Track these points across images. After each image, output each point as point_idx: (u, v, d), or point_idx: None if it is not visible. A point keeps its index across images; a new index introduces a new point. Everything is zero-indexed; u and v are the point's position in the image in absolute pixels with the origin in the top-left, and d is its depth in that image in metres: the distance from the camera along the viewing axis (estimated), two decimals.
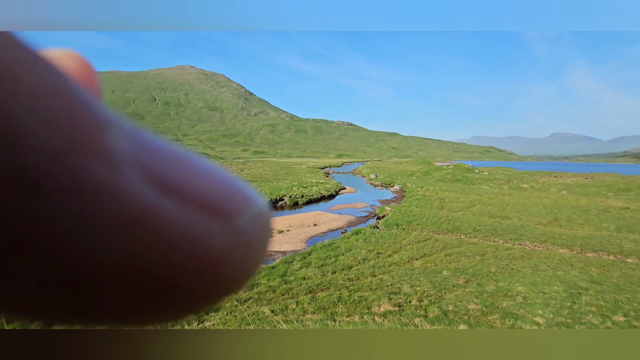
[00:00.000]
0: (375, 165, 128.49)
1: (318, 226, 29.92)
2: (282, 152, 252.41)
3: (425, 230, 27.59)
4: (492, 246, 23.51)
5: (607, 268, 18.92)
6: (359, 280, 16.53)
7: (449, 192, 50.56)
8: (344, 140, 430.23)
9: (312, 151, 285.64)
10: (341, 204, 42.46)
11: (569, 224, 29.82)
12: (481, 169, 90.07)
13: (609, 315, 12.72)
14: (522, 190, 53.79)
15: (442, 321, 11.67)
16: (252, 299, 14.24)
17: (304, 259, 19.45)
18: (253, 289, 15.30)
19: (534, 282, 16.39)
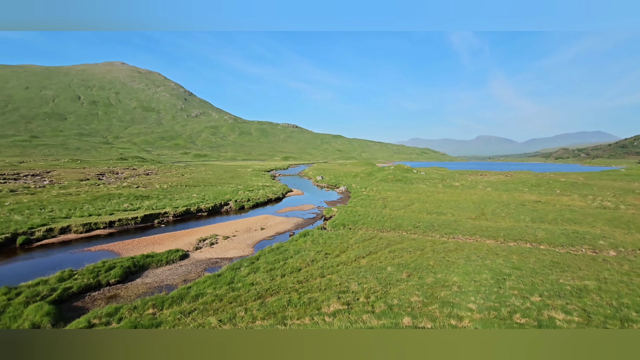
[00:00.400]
0: (321, 167, 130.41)
1: (265, 230, 29.46)
2: (226, 155, 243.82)
3: (370, 229, 28.70)
4: (430, 241, 25.26)
5: (525, 255, 21.45)
6: (308, 282, 16.61)
7: (390, 191, 53.26)
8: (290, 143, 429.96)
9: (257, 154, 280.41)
10: (288, 207, 42.36)
11: (493, 217, 33.24)
12: (418, 169, 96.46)
13: (528, 297, 14.41)
14: (454, 188, 58.72)
15: (388, 315, 12.19)
16: (197, 310, 13.52)
17: (251, 265, 19.00)
18: (198, 299, 14.54)
19: (466, 271, 17.95)
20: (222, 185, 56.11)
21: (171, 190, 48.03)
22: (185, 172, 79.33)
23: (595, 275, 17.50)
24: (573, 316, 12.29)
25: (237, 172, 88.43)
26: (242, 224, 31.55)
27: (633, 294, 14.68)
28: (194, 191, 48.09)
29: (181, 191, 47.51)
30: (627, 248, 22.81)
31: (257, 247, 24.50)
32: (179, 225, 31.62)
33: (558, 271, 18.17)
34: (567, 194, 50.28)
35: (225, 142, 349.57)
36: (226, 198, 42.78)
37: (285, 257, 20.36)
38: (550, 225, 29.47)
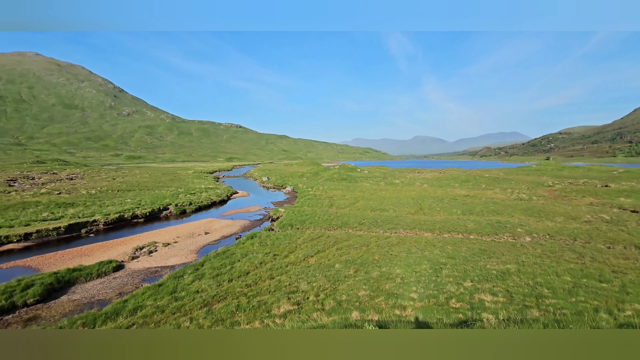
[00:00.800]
0: (267, 168, 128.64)
1: (210, 234, 28.26)
2: (163, 157, 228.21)
3: (318, 228, 29.11)
4: (374, 236, 26.40)
5: (458, 245, 23.49)
6: (257, 285, 16.32)
7: (336, 190, 54.53)
8: (234, 143, 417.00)
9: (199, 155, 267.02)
10: (234, 209, 41.12)
11: (430, 212, 35.82)
12: (362, 168, 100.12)
13: (461, 283, 15.83)
14: (395, 186, 62.07)
15: (337, 311, 12.52)
16: (135, 325, 12.51)
17: (196, 271, 18.11)
18: (136, 312, 13.47)
19: (408, 263, 19.12)
20: (160, 189, 52.46)
21: (101, 195, 43.65)
22: (117, 176, 72.64)
23: (515, 259, 19.82)
24: (499, 297, 13.79)
25: (177, 175, 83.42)
26: (184, 229, 29.87)
27: (544, 273, 16.92)
28: (128, 196, 44.29)
29: (113, 196, 43.43)
30: (539, 234, 26.18)
31: (201, 253, 23.39)
32: (111, 233, 28.88)
33: (485, 258, 20.22)
34: (491, 188, 56.14)
35: (163, 142, 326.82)
36: (165, 202, 40.11)
37: (232, 261, 19.76)
38: (478, 217, 32.62)
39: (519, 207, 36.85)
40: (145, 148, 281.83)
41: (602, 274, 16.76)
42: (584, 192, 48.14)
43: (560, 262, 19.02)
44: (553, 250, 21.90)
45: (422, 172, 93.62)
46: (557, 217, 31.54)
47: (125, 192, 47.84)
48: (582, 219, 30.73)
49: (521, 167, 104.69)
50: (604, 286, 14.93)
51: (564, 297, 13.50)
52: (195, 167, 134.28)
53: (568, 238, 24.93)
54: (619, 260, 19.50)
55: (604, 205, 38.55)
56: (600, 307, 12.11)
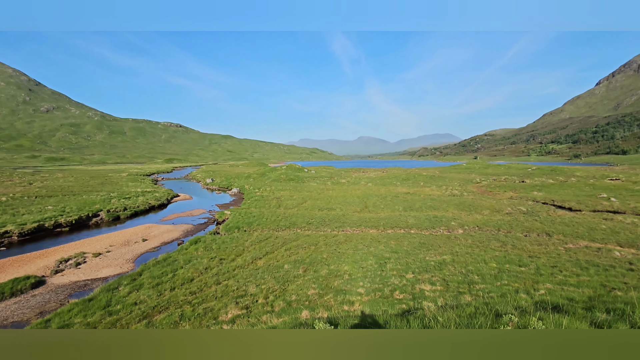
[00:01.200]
0: (210, 169, 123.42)
1: (149, 241, 26.32)
2: (92, 158, 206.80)
3: (266, 229, 28.74)
4: (323, 235, 26.83)
5: (400, 240, 24.88)
6: (202, 292, 15.63)
7: (284, 191, 54.30)
8: (174, 144, 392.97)
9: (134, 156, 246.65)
10: (175, 213, 38.79)
11: (374, 209, 37.41)
12: (309, 168, 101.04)
13: (404, 275, 16.82)
14: (341, 185, 63.69)
15: (287, 312, 12.51)
16: None
17: (133, 282, 16.76)
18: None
19: (355, 260, 19.78)
20: (89, 194, 47.47)
21: (13, 203, 38.19)
22: (34, 180, 64.10)
23: (450, 250, 21.59)
24: (437, 286, 14.92)
25: (109, 178, 76.21)
26: (118, 236, 27.42)
27: (475, 261, 18.69)
28: (48, 202, 39.34)
29: (30, 204, 38.25)
30: (469, 226, 28.80)
31: (139, 262, 21.68)
32: (28, 245, 25.42)
33: (425, 250, 21.71)
34: (428, 186, 60.35)
35: (91, 142, 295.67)
36: (95, 208, 36.40)
37: (175, 269, 18.65)
38: (417, 213, 34.86)
39: (453, 202, 40.13)
40: (69, 149, 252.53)
41: (521, 259, 19.00)
42: (505, 187, 54.09)
43: (488, 251, 21.16)
44: (481, 240, 24.26)
45: (367, 171, 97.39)
46: (484, 210, 34.99)
47: (45, 199, 42.44)
48: (504, 211, 34.47)
49: (454, 166, 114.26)
50: (523, 270, 16.96)
51: (491, 282, 15.06)
52: (129, 169, 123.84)
53: (493, 229, 27.81)
54: (533, 246, 22.28)
55: (521, 199, 43.68)
56: (520, 289, 13.75)
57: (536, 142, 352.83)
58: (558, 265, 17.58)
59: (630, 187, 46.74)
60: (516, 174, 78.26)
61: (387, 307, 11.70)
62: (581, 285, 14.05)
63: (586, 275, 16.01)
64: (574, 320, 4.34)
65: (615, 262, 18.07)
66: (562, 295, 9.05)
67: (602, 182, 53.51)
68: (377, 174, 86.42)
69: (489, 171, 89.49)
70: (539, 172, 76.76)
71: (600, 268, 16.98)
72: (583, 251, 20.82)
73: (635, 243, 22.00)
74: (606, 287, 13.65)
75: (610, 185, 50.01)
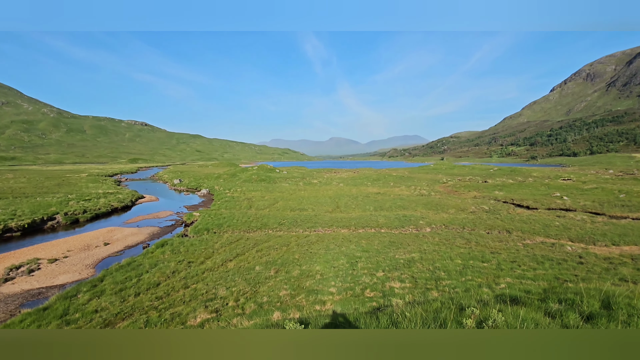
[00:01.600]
0: (178, 170, 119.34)
1: (111, 245, 24.99)
2: (47, 158, 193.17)
3: (237, 231, 28.21)
4: (294, 236, 26.75)
5: (371, 239, 25.32)
6: (169, 296, 15.06)
7: (255, 191, 53.58)
8: (139, 143, 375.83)
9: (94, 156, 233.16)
10: (140, 215, 37.11)
11: (346, 209, 37.83)
12: (281, 168, 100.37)
13: (374, 273, 17.15)
14: (313, 185, 63.83)
15: (259, 314, 12.35)
16: None
17: (93, 288, 15.85)
18: None
19: (327, 260, 19.89)
20: (43, 196, 44.27)
21: None
22: None
23: (418, 248, 22.28)
24: (406, 283, 15.33)
25: (67, 179, 71.53)
26: (77, 240, 25.80)
27: (441, 258, 19.40)
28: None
29: None
30: (437, 225, 29.87)
31: (100, 267, 20.52)
32: None
33: (394, 249, 22.25)
34: (398, 186, 61.92)
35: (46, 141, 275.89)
36: (51, 211, 34.01)
37: (139, 273, 17.84)
38: (387, 212, 35.66)
39: (421, 202, 41.44)
40: (21, 147, 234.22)
41: (483, 255, 19.97)
42: (470, 187, 56.63)
43: (453, 248, 22.05)
44: (447, 238, 25.24)
45: (338, 172, 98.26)
46: (450, 209, 36.42)
47: None
48: (468, 210, 36.07)
49: (422, 167, 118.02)
50: (485, 265, 17.84)
51: (456, 278, 15.70)
52: (90, 169, 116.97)
53: (458, 227, 29.02)
54: (495, 242, 23.48)
55: (484, 198, 45.92)
56: (483, 283, 14.44)
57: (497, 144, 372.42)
58: (517, 260, 18.67)
59: (580, 186, 50.50)
60: (479, 174, 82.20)
61: (358, 305, 11.87)
62: (537, 279, 15.00)
63: (542, 269, 17.12)
64: (531, 311, 4.63)
65: (567, 256, 19.46)
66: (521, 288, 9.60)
67: (556, 182, 57.44)
68: (349, 174, 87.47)
69: (454, 172, 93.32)
70: (500, 173, 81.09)
71: (554, 262, 18.23)
72: (539, 246, 22.23)
73: (584, 238, 23.80)
74: (559, 280, 14.68)
75: (562, 185, 53.78)
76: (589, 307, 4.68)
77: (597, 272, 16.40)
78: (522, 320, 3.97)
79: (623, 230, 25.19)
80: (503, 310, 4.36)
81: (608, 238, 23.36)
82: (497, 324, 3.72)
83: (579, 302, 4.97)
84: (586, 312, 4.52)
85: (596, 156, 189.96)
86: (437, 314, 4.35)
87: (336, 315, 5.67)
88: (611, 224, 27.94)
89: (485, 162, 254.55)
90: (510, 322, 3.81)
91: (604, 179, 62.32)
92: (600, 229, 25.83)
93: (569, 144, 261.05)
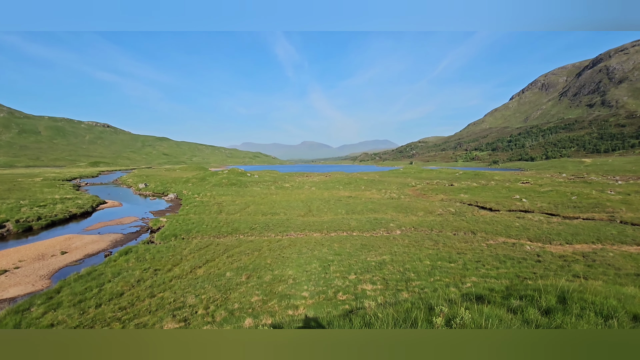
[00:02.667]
0: (144, 174, 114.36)
1: (69, 253, 23.42)
2: None
3: (206, 237, 27.41)
4: (266, 241, 26.41)
5: (343, 242, 25.52)
6: (134, 307, 14.32)
7: (226, 195, 52.41)
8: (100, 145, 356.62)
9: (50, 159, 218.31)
10: (102, 222, 35.11)
11: (318, 213, 37.91)
12: (252, 172, 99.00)
13: (347, 276, 17.28)
14: (285, 189, 63.47)
15: (230, 321, 12.04)
16: None
17: (49, 300, 14.75)
18: None
19: (299, 264, 19.79)
20: None
21: None
22: None
23: (389, 250, 22.73)
24: (377, 285, 15.58)
25: (18, 183, 66.32)
26: (30, 250, 23.92)
27: (411, 260, 19.92)
28: None
29: None
30: (407, 227, 30.66)
31: (57, 277, 19.14)
32: None
33: (366, 251, 22.55)
34: (369, 189, 62.97)
35: None
36: (0, 218, 31.35)
37: (101, 283, 16.83)
38: (359, 215, 36.13)
39: (391, 205, 42.38)
40: None
41: (450, 255, 20.73)
42: (437, 191, 58.72)
43: (422, 249, 22.71)
44: (417, 240, 25.96)
45: (310, 175, 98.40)
46: (419, 212, 37.53)
47: None
48: (436, 213, 37.35)
49: (392, 171, 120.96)
50: (452, 265, 18.52)
51: (425, 278, 16.18)
52: (45, 173, 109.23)
53: (427, 229, 29.96)
54: (461, 243, 24.46)
55: (450, 201, 47.75)
56: (450, 283, 14.98)
57: (462, 149, 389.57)
58: (481, 260, 19.55)
59: (537, 189, 53.85)
60: (446, 178, 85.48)
61: (331, 309, 11.90)
62: (500, 277, 15.79)
63: (504, 267, 18.04)
64: (494, 308, 4.86)
65: (526, 255, 20.65)
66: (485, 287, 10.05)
67: (516, 185, 60.89)
68: (321, 178, 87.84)
69: (423, 175, 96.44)
70: (465, 177, 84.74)
71: (515, 261, 19.27)
72: (501, 246, 23.41)
73: (541, 238, 25.36)
74: (520, 277, 15.54)
75: (522, 188, 57.10)
76: (546, 303, 4.99)
77: (553, 269, 17.52)
78: (487, 317, 4.15)
79: (575, 230, 27.12)
80: (469, 308, 4.55)
81: (562, 237, 25.05)
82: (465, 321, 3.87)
83: (537, 298, 5.29)
84: (544, 307, 4.81)
85: (551, 161, 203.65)
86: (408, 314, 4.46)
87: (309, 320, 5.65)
88: (565, 224, 30.00)
89: (452, 166, 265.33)
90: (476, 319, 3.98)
91: (558, 182, 66.93)
92: (555, 229, 27.65)
93: (527, 149, 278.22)
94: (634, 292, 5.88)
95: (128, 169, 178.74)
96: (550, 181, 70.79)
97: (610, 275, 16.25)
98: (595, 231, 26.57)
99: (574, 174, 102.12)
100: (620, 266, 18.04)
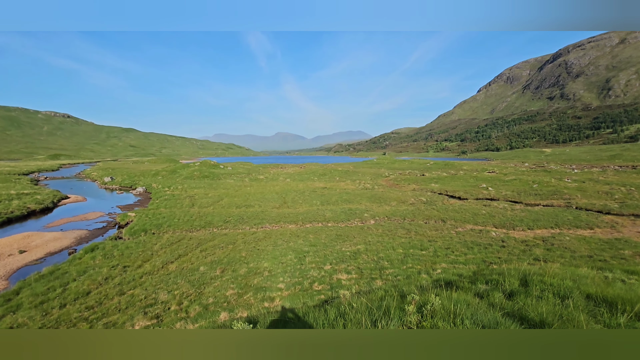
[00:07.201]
0: (109, 167, 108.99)
1: (28, 252, 22.02)
2: None
3: (178, 231, 26.69)
4: (241, 233, 26.10)
5: (318, 233, 25.69)
6: (102, 305, 13.76)
7: (198, 188, 51.09)
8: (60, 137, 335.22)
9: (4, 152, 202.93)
10: (64, 218, 33.19)
11: (293, 205, 37.86)
12: (225, 164, 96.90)
13: (322, 267, 17.46)
14: (260, 181, 62.76)
15: (204, 316, 11.86)
16: None
17: (7, 303, 13.88)
18: None
19: (275, 256, 19.75)
20: None
21: None
22: None
23: (363, 240, 23.15)
24: (352, 274, 15.86)
25: None
26: None
27: (385, 248, 20.41)
28: None
29: None
30: (380, 217, 31.30)
31: (15, 278, 17.96)
32: None
33: (341, 242, 22.85)
34: (343, 180, 63.56)
35: None
36: None
37: (65, 282, 16.01)
38: (334, 206, 36.45)
39: (365, 195, 43.05)
40: None
41: (422, 243, 21.43)
42: (409, 181, 60.25)
43: (395, 238, 23.32)
44: (390, 229, 26.60)
45: (285, 167, 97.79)
46: (392, 202, 38.39)
47: None
48: (408, 202, 38.37)
49: (366, 162, 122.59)
50: (424, 253, 19.16)
51: (398, 266, 16.65)
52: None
53: (400, 218, 30.75)
54: (432, 231, 25.34)
55: (422, 190, 49.19)
56: (422, 270, 15.51)
57: (433, 140, 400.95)
58: (451, 247, 20.37)
59: (502, 178, 56.54)
60: (418, 168, 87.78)
61: (307, 300, 12.00)
62: (468, 262, 16.54)
63: (472, 253, 18.91)
64: (463, 293, 5.08)
65: (492, 241, 21.74)
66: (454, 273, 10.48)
67: (483, 175, 63.61)
68: (295, 169, 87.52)
69: (395, 166, 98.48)
70: (435, 167, 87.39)
71: (482, 247, 20.25)
72: (469, 233, 24.49)
73: (505, 224, 26.75)
74: (486, 262, 16.35)
75: (488, 177, 59.74)
76: (510, 286, 5.28)
77: (516, 253, 18.58)
78: (456, 302, 4.34)
79: (536, 216, 28.82)
80: (439, 294, 4.73)
81: (524, 223, 26.55)
82: (435, 308, 4.02)
83: (502, 281, 5.59)
84: (508, 290, 5.09)
85: (515, 151, 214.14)
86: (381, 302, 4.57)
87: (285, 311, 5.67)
88: (527, 210, 31.80)
89: (423, 156, 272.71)
90: (446, 305, 4.14)
91: (521, 171, 70.61)
92: (518, 216, 29.24)
93: (493, 140, 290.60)
94: (587, 273, 6.34)
95: (92, 161, 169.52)
96: (514, 170, 74.52)
97: (566, 257, 17.46)
98: (554, 217, 28.36)
99: (535, 163, 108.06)
100: (576, 249, 19.42)
